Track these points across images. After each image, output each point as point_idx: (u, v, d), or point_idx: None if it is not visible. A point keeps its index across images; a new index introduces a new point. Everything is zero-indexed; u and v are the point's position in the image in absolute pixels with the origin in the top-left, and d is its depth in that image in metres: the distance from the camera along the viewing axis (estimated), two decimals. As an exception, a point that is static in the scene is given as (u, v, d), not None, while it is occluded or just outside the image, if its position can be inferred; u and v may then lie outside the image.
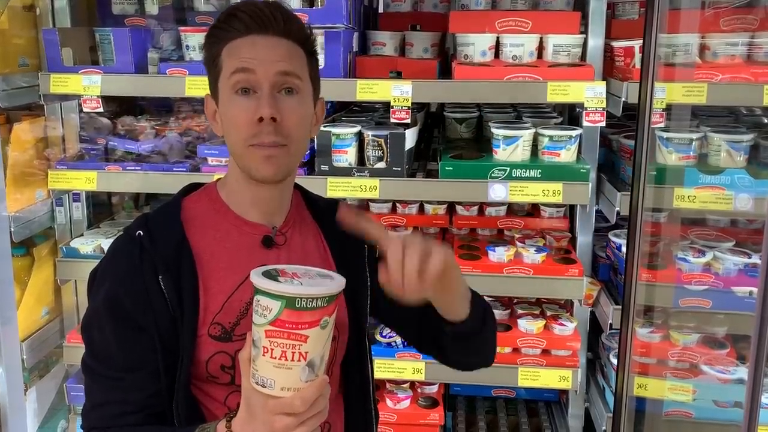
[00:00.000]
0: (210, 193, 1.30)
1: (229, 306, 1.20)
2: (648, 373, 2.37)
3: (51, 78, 2.50)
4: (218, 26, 1.23)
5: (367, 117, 2.74)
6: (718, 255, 2.32)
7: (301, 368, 0.98)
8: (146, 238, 1.20)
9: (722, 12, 2.32)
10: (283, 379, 0.97)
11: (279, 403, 0.98)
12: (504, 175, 2.36)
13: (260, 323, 0.98)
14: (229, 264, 1.23)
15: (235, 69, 1.19)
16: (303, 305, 0.96)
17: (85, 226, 2.89)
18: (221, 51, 1.22)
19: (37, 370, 2.76)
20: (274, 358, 0.97)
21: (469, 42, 2.47)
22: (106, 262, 1.23)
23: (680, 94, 2.23)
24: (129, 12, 2.83)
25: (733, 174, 2.21)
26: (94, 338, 1.20)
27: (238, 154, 1.22)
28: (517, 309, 2.61)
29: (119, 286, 1.18)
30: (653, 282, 2.27)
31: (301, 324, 0.96)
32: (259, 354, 0.98)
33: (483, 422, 2.80)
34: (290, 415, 0.98)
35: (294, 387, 0.98)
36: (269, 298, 0.96)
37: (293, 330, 0.96)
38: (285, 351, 0.96)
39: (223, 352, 1.19)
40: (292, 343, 0.96)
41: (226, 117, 1.22)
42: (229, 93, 1.20)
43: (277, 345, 0.96)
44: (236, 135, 1.20)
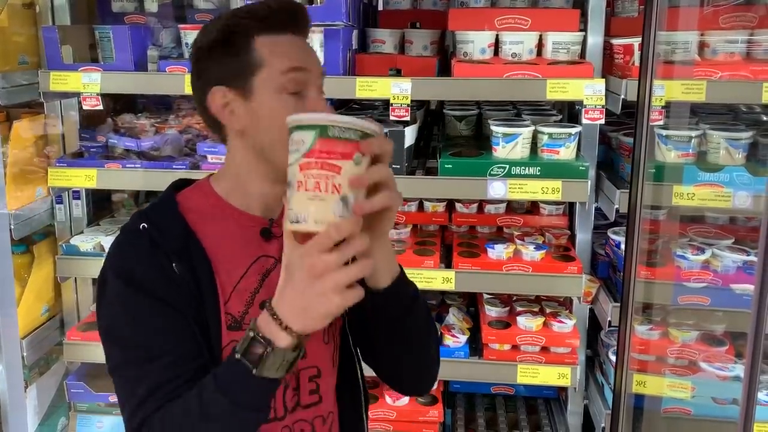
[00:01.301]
0: (203, 188, 1.28)
1: (236, 295, 1.21)
2: (647, 370, 2.38)
3: (51, 75, 2.50)
4: (248, 16, 1.19)
5: (366, 115, 2.74)
6: (717, 252, 2.32)
7: (335, 201, 0.95)
8: (153, 230, 1.18)
9: (721, 9, 2.32)
10: (316, 212, 0.95)
11: (314, 240, 0.95)
12: (503, 173, 2.36)
13: (294, 159, 0.96)
14: (232, 255, 1.22)
15: (289, 68, 1.17)
16: (336, 134, 0.95)
17: (85, 223, 2.90)
18: (254, 44, 1.18)
19: (37, 368, 2.77)
20: (308, 190, 0.95)
21: (468, 40, 2.47)
22: (116, 257, 1.20)
23: (679, 92, 2.23)
24: (128, 10, 2.83)
25: (732, 171, 2.22)
26: (125, 333, 1.15)
27: (270, 150, 1.19)
28: (516, 306, 2.62)
29: (139, 267, 1.15)
30: (652, 279, 2.27)
31: (334, 154, 0.95)
32: (294, 191, 0.96)
33: (482, 419, 2.81)
34: (330, 253, 0.95)
35: (327, 220, 0.95)
36: (302, 130, 0.95)
37: (326, 159, 0.94)
38: (318, 182, 0.94)
39: (235, 341, 1.16)
40: (326, 173, 0.94)
41: (266, 114, 1.18)
42: (276, 91, 1.18)
43: (311, 176, 0.95)
44: (277, 133, 1.14)
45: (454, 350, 2.53)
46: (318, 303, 0.97)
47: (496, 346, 2.51)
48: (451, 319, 2.65)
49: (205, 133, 2.85)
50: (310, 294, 0.96)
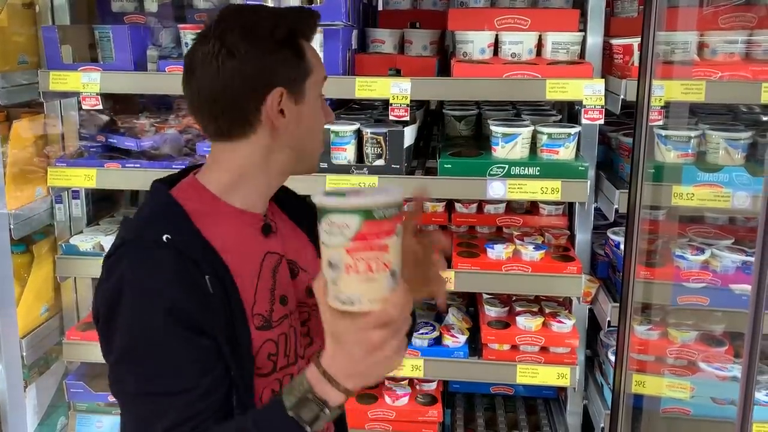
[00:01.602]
0: (195, 188, 1.24)
1: (259, 295, 1.21)
2: (646, 370, 2.38)
3: (50, 75, 2.50)
4: (302, 20, 1.23)
5: (366, 114, 2.74)
6: (716, 252, 2.32)
7: (386, 277, 0.97)
8: (176, 241, 1.12)
9: (721, 10, 2.32)
10: (370, 292, 0.96)
11: (373, 317, 0.96)
12: (503, 173, 2.36)
13: (338, 243, 0.96)
14: (243, 256, 1.22)
15: (325, 75, 1.27)
16: (381, 215, 0.95)
17: (85, 223, 2.90)
18: (305, 49, 1.22)
19: (37, 367, 2.77)
20: (359, 272, 0.96)
21: (468, 40, 2.47)
22: (140, 275, 1.10)
23: (679, 92, 2.23)
24: (128, 10, 2.83)
25: (731, 172, 2.22)
26: (150, 361, 1.08)
27: (311, 151, 1.29)
28: (515, 306, 2.62)
29: (179, 293, 1.09)
30: (651, 279, 2.27)
31: (381, 233, 0.96)
32: (341, 274, 0.96)
33: (482, 419, 2.81)
34: (385, 327, 0.97)
35: (381, 298, 0.97)
36: (345, 214, 0.95)
37: (375, 240, 0.95)
38: (369, 263, 0.95)
39: (269, 340, 1.21)
40: (376, 254, 0.96)
41: (310, 117, 1.25)
42: (318, 96, 1.27)
43: (360, 259, 0.95)
44: (320, 135, 1.30)
45: (454, 350, 2.53)
46: (377, 368, 1.00)
47: (495, 346, 2.51)
48: (450, 319, 2.65)
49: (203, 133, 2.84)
50: (368, 362, 0.99)
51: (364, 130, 2.43)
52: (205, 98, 1.20)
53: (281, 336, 1.23)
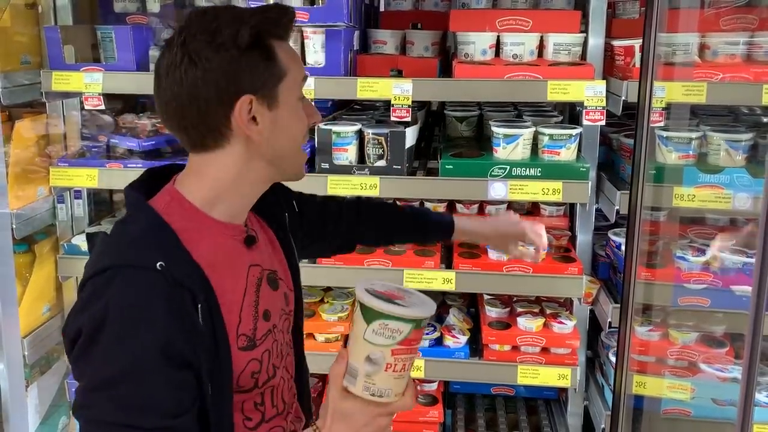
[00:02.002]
0: (177, 201, 1.18)
1: (244, 314, 1.20)
2: (647, 371, 2.38)
3: (53, 75, 2.51)
4: (267, 21, 1.14)
5: (367, 115, 2.75)
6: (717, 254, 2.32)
7: (409, 375, 1.12)
8: (171, 268, 1.07)
9: (722, 11, 2.32)
10: (397, 387, 1.11)
11: (395, 407, 1.12)
12: (504, 174, 2.36)
13: (387, 344, 1.07)
14: (228, 272, 1.19)
15: (304, 76, 1.22)
16: (424, 324, 1.10)
17: (87, 223, 2.90)
18: (276, 51, 1.15)
19: (38, 367, 2.77)
20: (396, 371, 1.09)
21: (469, 41, 2.47)
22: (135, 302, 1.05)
23: (680, 93, 2.23)
24: (130, 10, 2.84)
25: (733, 173, 2.22)
26: (132, 391, 1.03)
27: (289, 157, 1.23)
28: (516, 307, 2.62)
29: (170, 327, 1.05)
30: (652, 281, 2.28)
31: (419, 339, 1.11)
32: (380, 370, 1.08)
33: (482, 420, 2.81)
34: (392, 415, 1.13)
35: (402, 392, 1.12)
36: (401, 322, 1.06)
37: (414, 345, 1.10)
38: (405, 363, 1.10)
39: (253, 359, 1.21)
40: (411, 356, 1.10)
41: (289, 122, 1.19)
42: (296, 99, 1.21)
43: (400, 360, 1.08)
44: (295, 140, 1.23)
45: (455, 351, 2.53)
46: None
47: (496, 347, 2.52)
48: (451, 320, 2.65)
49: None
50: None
51: (366, 131, 2.44)
52: (173, 110, 1.15)
53: (265, 353, 1.23)
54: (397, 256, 2.52)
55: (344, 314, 2.61)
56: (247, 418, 1.23)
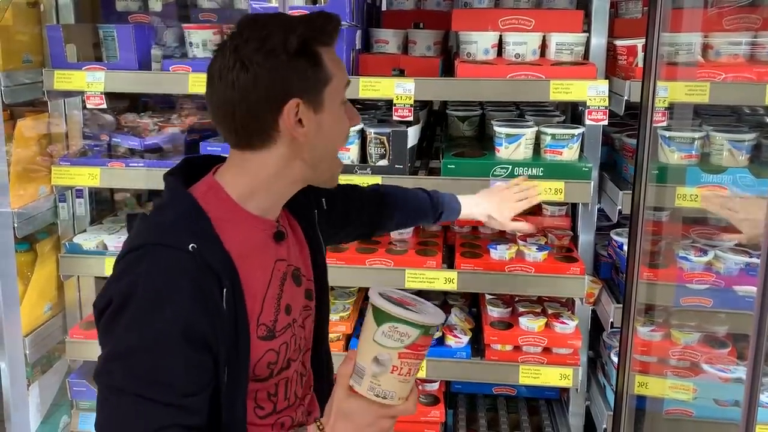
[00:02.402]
0: (216, 190, 1.24)
1: (266, 305, 1.24)
2: (649, 371, 2.37)
3: (55, 74, 2.51)
4: (313, 28, 1.20)
5: (369, 115, 2.74)
6: (720, 254, 2.32)
7: (414, 380, 1.15)
8: (202, 251, 1.12)
9: (725, 11, 2.32)
10: (402, 391, 1.13)
11: (398, 410, 1.14)
12: (506, 174, 2.36)
13: (395, 346, 1.10)
14: (256, 263, 1.24)
15: (347, 81, 1.27)
16: (432, 332, 1.12)
17: (88, 222, 2.90)
18: (322, 57, 1.20)
19: (40, 366, 2.77)
20: (401, 375, 1.12)
21: (472, 40, 2.47)
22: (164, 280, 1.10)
23: (683, 93, 2.23)
24: (132, 9, 2.84)
25: (735, 173, 2.21)
26: (151, 364, 1.08)
27: (326, 160, 1.27)
28: (518, 307, 2.62)
29: (193, 309, 1.09)
30: (654, 281, 2.27)
31: (427, 346, 1.13)
32: (386, 372, 1.11)
33: (484, 420, 2.81)
34: (395, 418, 1.15)
35: (405, 396, 1.15)
36: (411, 326, 1.10)
37: (421, 351, 1.12)
38: (411, 368, 1.12)
39: (271, 350, 1.24)
40: (417, 362, 1.13)
41: (333, 126, 1.25)
42: (339, 103, 1.25)
43: (406, 364, 1.11)
44: (338, 144, 1.29)
45: (456, 351, 2.53)
46: None
47: (498, 347, 2.51)
48: (453, 320, 2.65)
49: (207, 132, 2.85)
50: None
51: (368, 130, 2.44)
52: (224, 112, 1.20)
53: (282, 345, 1.27)
54: (399, 255, 2.52)
55: (346, 314, 2.61)
56: (259, 406, 1.27)
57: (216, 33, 2.62)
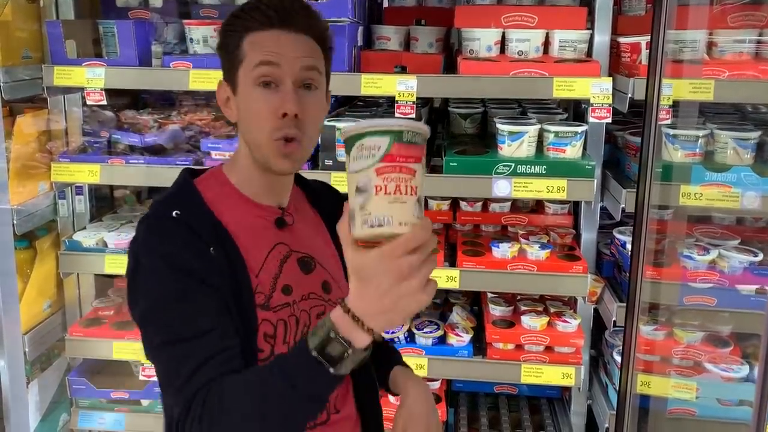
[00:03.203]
0: (218, 177, 1.32)
1: (261, 279, 1.26)
2: (651, 370, 2.37)
3: (54, 70, 2.49)
4: (240, 16, 1.26)
5: (371, 112, 2.73)
6: (724, 253, 2.31)
7: (414, 202, 0.98)
8: (186, 216, 1.21)
9: (730, 8, 2.30)
10: (400, 214, 0.97)
11: (403, 239, 0.94)
12: (509, 171, 2.35)
13: (369, 164, 0.98)
14: (253, 242, 1.27)
15: (259, 61, 1.22)
16: (409, 138, 0.98)
17: (88, 219, 2.89)
18: (242, 41, 1.25)
19: (39, 363, 2.76)
20: (388, 193, 0.97)
21: (474, 37, 2.45)
22: (152, 242, 1.20)
23: (687, 91, 2.21)
24: (132, 5, 2.82)
25: (740, 171, 2.20)
26: (168, 313, 1.16)
27: (257, 144, 1.26)
28: (520, 305, 2.61)
29: (187, 255, 1.17)
30: (658, 279, 2.26)
31: (409, 158, 0.98)
32: (371, 195, 0.97)
33: (485, 418, 2.80)
34: (414, 253, 0.95)
35: (409, 221, 0.97)
36: (377, 135, 0.98)
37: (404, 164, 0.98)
38: (399, 185, 0.97)
39: (266, 320, 1.24)
40: (404, 176, 0.97)
41: (246, 107, 1.26)
42: (251, 84, 1.24)
43: (390, 180, 0.97)
44: (258, 127, 1.25)
45: (458, 349, 2.52)
46: (406, 303, 0.97)
47: (500, 346, 2.50)
48: (454, 318, 2.63)
49: (207, 129, 2.83)
50: (396, 295, 0.96)
51: (370, 128, 2.41)
52: None
53: (279, 321, 1.26)
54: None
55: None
56: None
57: (216, 29, 2.61)
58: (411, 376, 1.43)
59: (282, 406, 1.04)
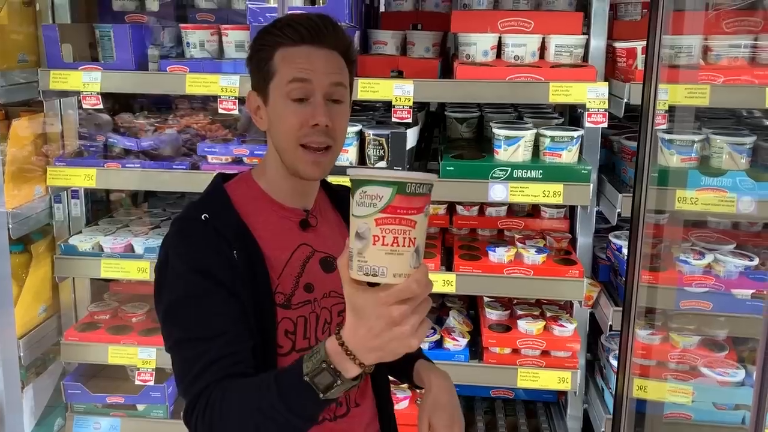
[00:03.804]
0: (247, 181, 1.41)
1: (283, 279, 1.33)
2: (648, 374, 2.37)
3: (50, 74, 2.49)
4: (272, 32, 1.34)
5: (368, 116, 2.73)
6: (719, 257, 2.31)
7: (411, 254, 1.00)
8: (214, 220, 1.29)
9: (725, 14, 2.31)
10: (395, 266, 0.99)
11: (395, 290, 0.98)
12: (505, 176, 2.35)
13: (369, 213, 0.99)
14: (277, 244, 1.35)
15: (292, 78, 1.30)
16: (413, 190, 0.99)
17: (84, 223, 2.88)
18: (273, 55, 1.32)
19: (34, 368, 2.75)
20: (386, 245, 0.98)
21: (471, 42, 2.46)
22: (181, 245, 1.29)
23: (682, 96, 2.22)
24: (129, 9, 2.82)
25: (735, 176, 2.21)
26: (187, 313, 1.24)
27: (286, 151, 1.34)
28: (517, 310, 2.61)
29: (206, 258, 1.25)
30: (654, 284, 2.27)
31: (411, 209, 0.99)
32: (368, 244, 0.99)
33: (481, 423, 2.80)
34: (405, 303, 0.99)
35: (405, 273, 0.99)
36: (380, 185, 0.99)
37: (404, 215, 0.99)
38: (396, 237, 0.98)
39: (287, 318, 1.32)
40: (403, 228, 0.99)
41: (278, 118, 1.33)
42: (284, 98, 1.32)
43: (388, 231, 0.99)
44: (288, 136, 1.32)
45: (455, 353, 2.52)
46: (395, 346, 1.02)
47: (496, 350, 2.50)
48: (451, 322, 2.63)
49: (203, 133, 2.83)
50: (387, 338, 1.01)
51: (367, 132, 2.42)
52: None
53: (300, 318, 1.33)
54: (397, 257, 2.50)
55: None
56: None
57: (213, 33, 2.61)
58: (434, 368, 1.50)
59: (275, 419, 1.11)
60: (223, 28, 2.59)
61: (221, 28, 2.60)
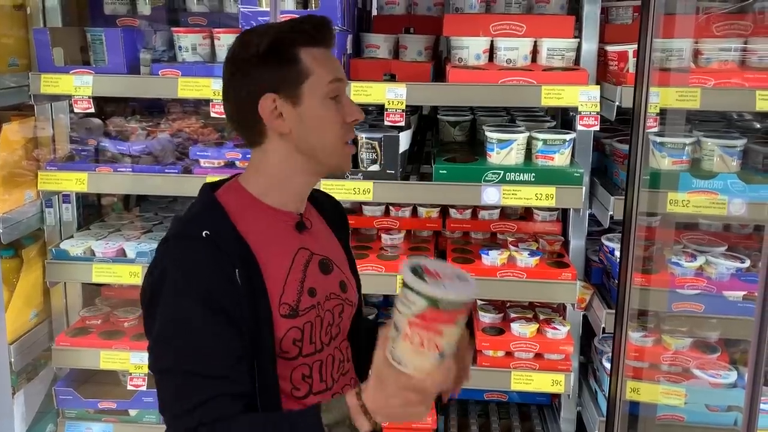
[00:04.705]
0: (235, 189, 1.38)
1: (288, 287, 1.33)
2: (641, 377, 2.38)
3: (41, 78, 2.48)
4: (293, 31, 1.32)
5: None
6: (711, 259, 2.32)
7: (433, 356, 1.09)
8: (215, 237, 1.27)
9: (715, 17, 2.33)
10: (417, 363, 1.09)
11: (412, 381, 1.10)
12: (498, 179, 2.36)
13: (405, 312, 1.08)
14: (276, 250, 1.35)
15: (333, 78, 1.33)
16: (444, 307, 1.06)
17: (75, 227, 2.86)
18: (299, 55, 1.31)
19: (25, 373, 2.73)
20: (413, 344, 1.08)
21: (463, 45, 2.46)
22: (181, 264, 1.25)
23: (674, 99, 2.23)
24: (121, 12, 2.81)
25: (727, 179, 2.22)
26: (187, 341, 1.23)
27: (327, 148, 1.34)
28: (510, 312, 2.61)
29: (210, 283, 1.23)
30: (646, 286, 2.27)
31: (441, 321, 1.07)
32: (399, 337, 1.09)
33: (475, 426, 2.80)
34: (418, 393, 1.12)
35: (425, 370, 1.10)
36: (416, 295, 1.06)
37: (432, 324, 1.07)
38: (423, 340, 1.08)
39: (294, 327, 1.33)
40: (430, 335, 1.08)
41: (317, 118, 1.32)
42: (323, 98, 1.32)
43: (416, 334, 1.08)
44: (333, 134, 1.34)
45: (448, 357, 2.51)
46: (408, 415, 1.17)
47: (489, 353, 2.50)
48: (444, 326, 2.63)
49: (195, 136, 2.82)
50: (401, 411, 1.15)
51: (359, 135, 2.42)
52: (227, 115, 1.39)
53: (306, 324, 1.35)
54: (390, 261, 2.50)
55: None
56: (295, 387, 1.36)
57: (205, 37, 2.60)
58: None
59: None
60: (215, 31, 2.59)
61: (213, 32, 2.59)
